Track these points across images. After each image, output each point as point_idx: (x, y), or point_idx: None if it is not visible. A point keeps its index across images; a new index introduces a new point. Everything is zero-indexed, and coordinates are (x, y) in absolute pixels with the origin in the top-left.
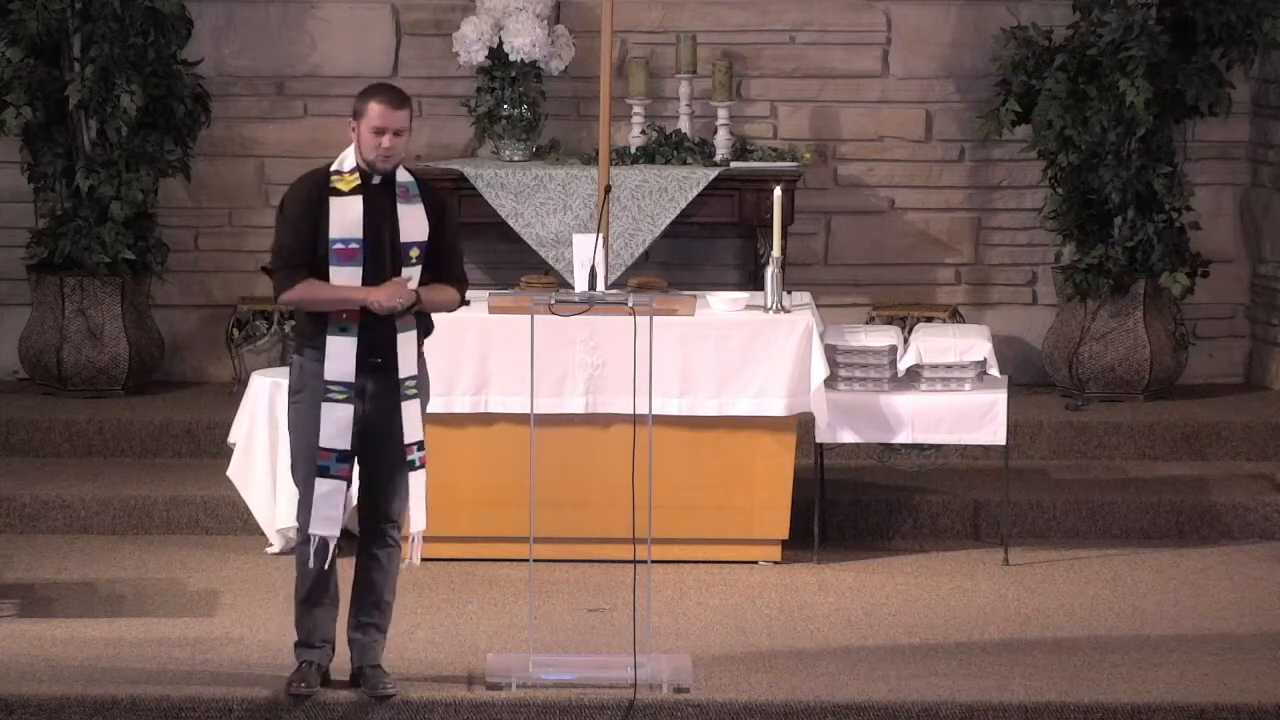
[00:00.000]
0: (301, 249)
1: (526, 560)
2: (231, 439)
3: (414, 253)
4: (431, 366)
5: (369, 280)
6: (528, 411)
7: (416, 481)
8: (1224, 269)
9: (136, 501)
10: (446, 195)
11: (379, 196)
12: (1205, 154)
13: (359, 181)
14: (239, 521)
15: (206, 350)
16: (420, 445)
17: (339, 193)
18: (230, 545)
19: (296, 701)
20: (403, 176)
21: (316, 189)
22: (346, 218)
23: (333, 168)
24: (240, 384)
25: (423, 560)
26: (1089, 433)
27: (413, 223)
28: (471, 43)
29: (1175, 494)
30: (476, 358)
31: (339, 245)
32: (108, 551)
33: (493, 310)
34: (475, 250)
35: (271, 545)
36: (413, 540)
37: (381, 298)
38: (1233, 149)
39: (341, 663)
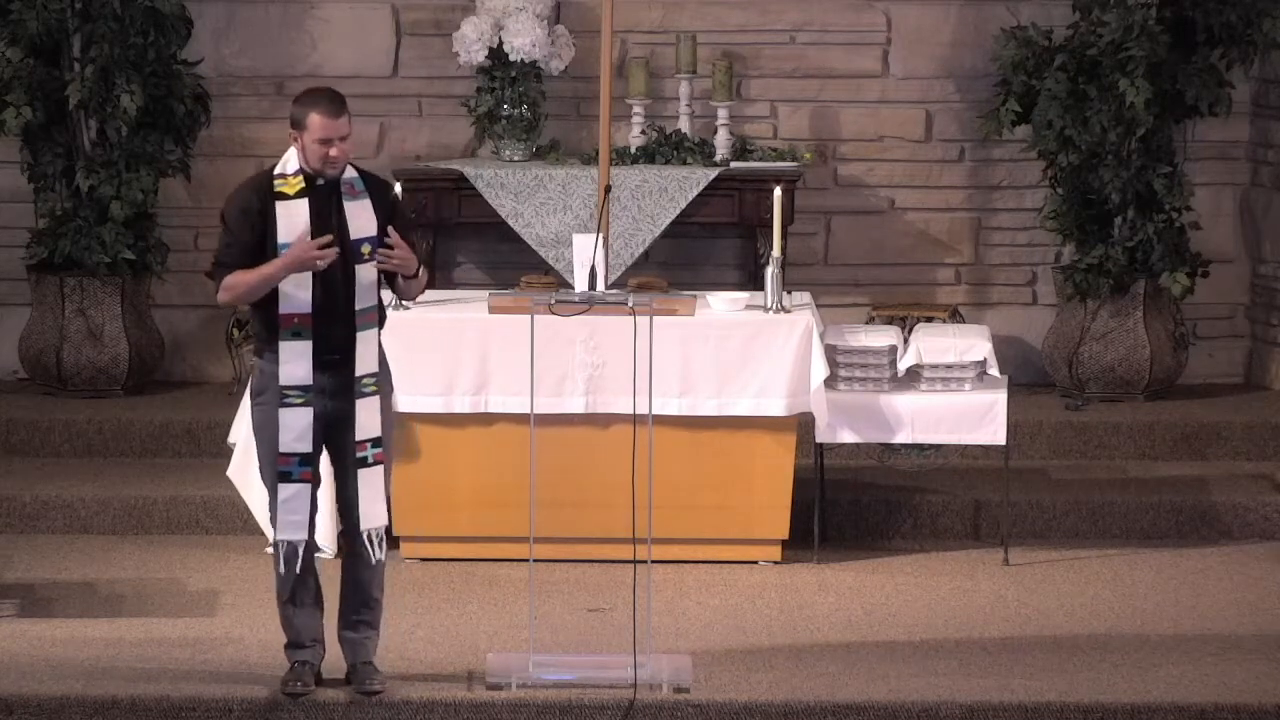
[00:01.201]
0: (239, 255)
1: (526, 560)
2: (231, 439)
3: (365, 249)
4: (432, 366)
5: (321, 282)
6: (528, 411)
7: (371, 477)
8: (1224, 269)
9: (136, 501)
10: (391, 186)
11: (325, 197)
12: (1205, 154)
13: (304, 184)
14: (239, 521)
15: (206, 350)
16: (376, 442)
17: (284, 196)
18: (230, 545)
19: (294, 700)
20: (346, 173)
21: (258, 196)
22: (294, 222)
23: (276, 171)
24: (240, 384)
25: (422, 560)
26: (1089, 433)
27: (362, 219)
28: (471, 43)
29: (1175, 494)
30: (476, 358)
31: (286, 250)
32: (108, 551)
33: (493, 310)
34: (475, 250)
35: (271, 546)
36: (369, 536)
37: (288, 263)
38: (1233, 149)
39: (336, 661)
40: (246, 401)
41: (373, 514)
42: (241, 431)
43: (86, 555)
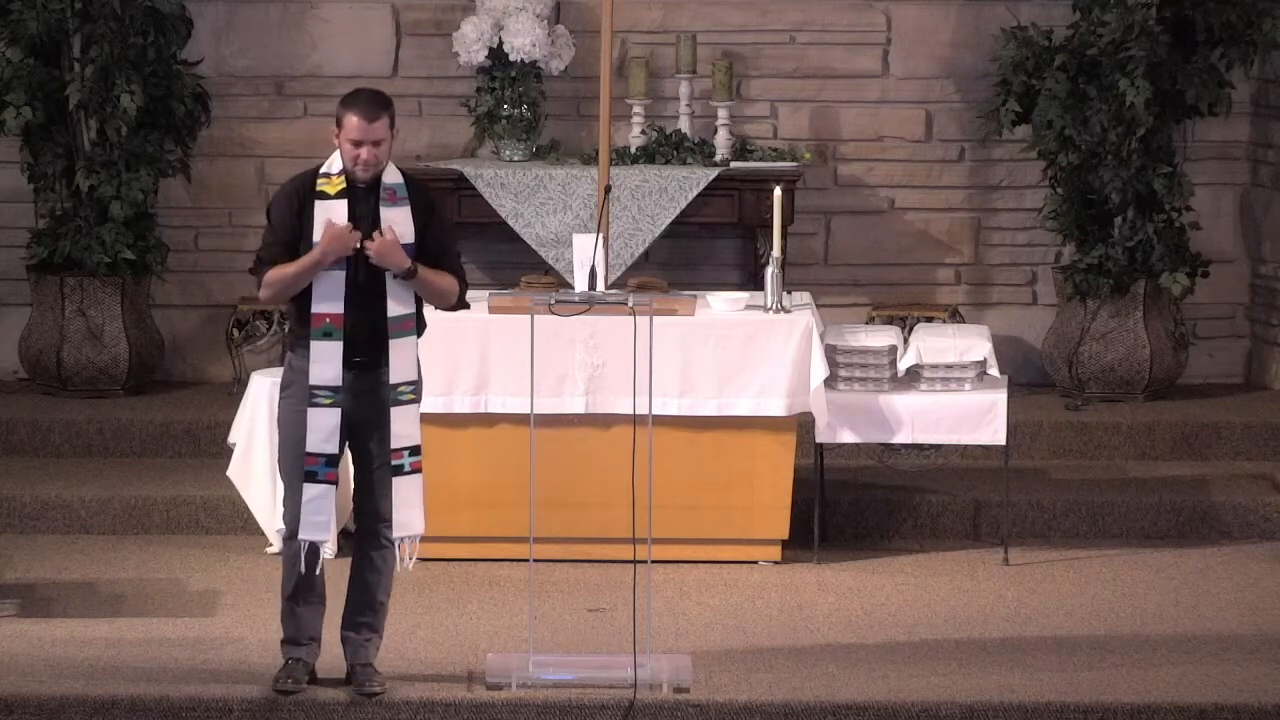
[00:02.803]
0: (280, 253)
1: (526, 560)
2: (231, 439)
3: None
4: (431, 366)
5: (352, 284)
6: (528, 411)
7: (408, 486)
8: (1224, 269)
9: (136, 501)
10: (435, 195)
11: (364, 199)
12: (1205, 154)
13: (345, 184)
14: (239, 521)
15: (206, 350)
16: (414, 450)
17: (325, 196)
18: (230, 545)
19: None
20: (391, 178)
21: (300, 193)
22: (331, 222)
23: (321, 170)
24: (240, 384)
25: (422, 560)
26: (1089, 433)
27: (399, 226)
28: (471, 43)
29: (1175, 494)
30: (476, 358)
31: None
32: (108, 551)
33: (493, 310)
34: (475, 250)
35: (271, 545)
36: (405, 544)
37: (325, 248)
38: (1233, 149)
39: (335, 662)
40: (246, 401)
41: (406, 522)
42: (242, 431)
43: (86, 555)
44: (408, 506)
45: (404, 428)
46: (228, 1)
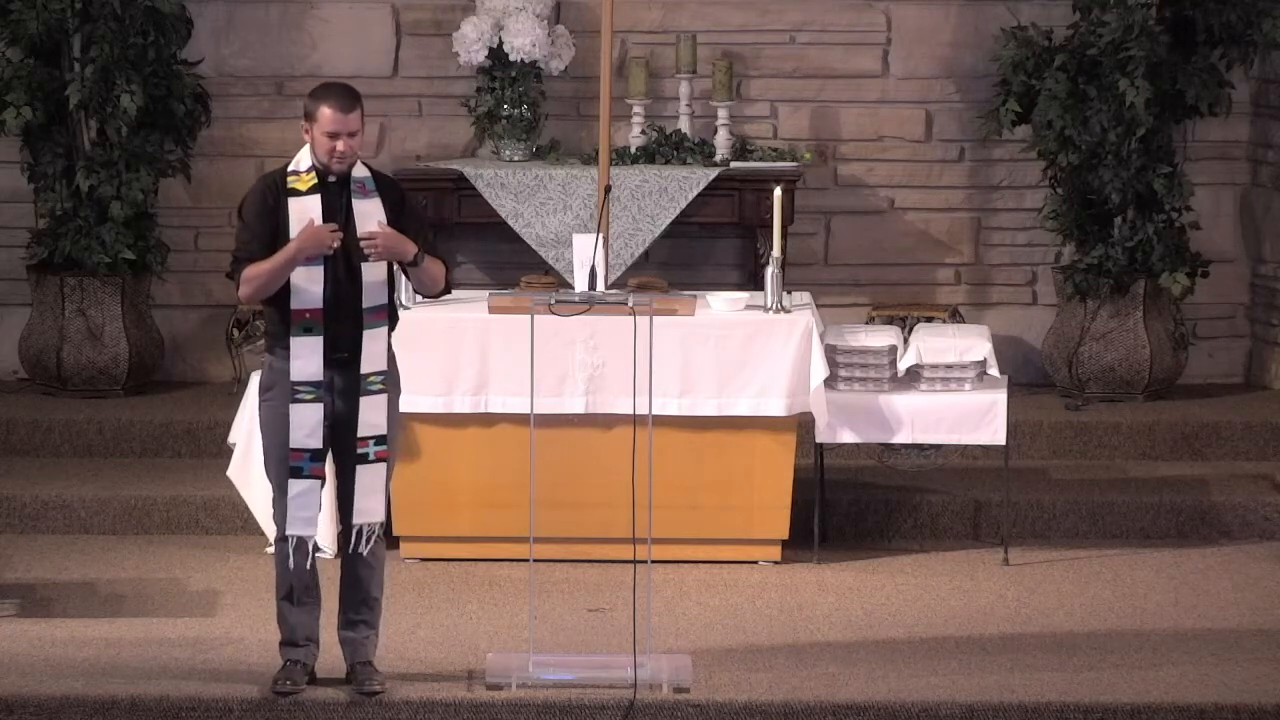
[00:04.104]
0: (258, 251)
1: (526, 560)
2: (231, 439)
3: None
4: (431, 366)
5: (330, 278)
6: (528, 411)
7: (371, 474)
8: (1224, 269)
9: (136, 501)
10: (403, 187)
11: (336, 194)
12: (1205, 154)
13: (316, 180)
14: (239, 521)
15: (206, 350)
16: (379, 440)
17: (297, 193)
18: (230, 545)
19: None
20: (359, 172)
21: (272, 192)
22: (306, 217)
23: (289, 168)
24: (240, 384)
25: (422, 560)
26: (1089, 433)
27: (370, 218)
28: (471, 43)
29: (1175, 494)
30: (476, 358)
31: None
32: (108, 551)
33: (493, 310)
34: (475, 250)
35: (271, 546)
36: (360, 531)
37: (300, 244)
38: (1233, 149)
39: (335, 662)
40: (246, 401)
41: (367, 509)
42: (242, 431)
43: (86, 555)
44: (370, 494)
45: (372, 416)
46: (228, 1)
